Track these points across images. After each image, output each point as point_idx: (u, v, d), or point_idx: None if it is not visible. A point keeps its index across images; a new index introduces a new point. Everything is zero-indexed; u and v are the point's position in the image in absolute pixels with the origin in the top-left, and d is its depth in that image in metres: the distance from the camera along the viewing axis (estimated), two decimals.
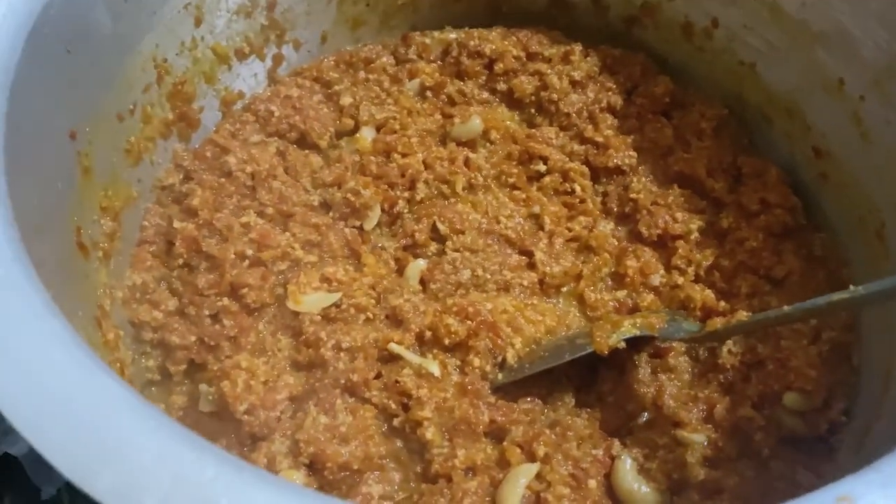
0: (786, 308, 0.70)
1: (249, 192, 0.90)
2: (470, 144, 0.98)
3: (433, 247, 0.89)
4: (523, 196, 0.94)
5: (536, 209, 0.92)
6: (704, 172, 0.94)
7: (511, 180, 0.95)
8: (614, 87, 1.00)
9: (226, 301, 0.82)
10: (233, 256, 0.84)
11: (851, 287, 0.63)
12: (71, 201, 0.72)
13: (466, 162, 0.95)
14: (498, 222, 0.91)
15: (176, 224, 0.87)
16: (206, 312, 0.82)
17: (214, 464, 0.42)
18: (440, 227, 0.89)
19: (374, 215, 0.90)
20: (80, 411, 0.44)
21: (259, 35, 0.99)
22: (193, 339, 0.80)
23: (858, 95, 0.84)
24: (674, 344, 0.82)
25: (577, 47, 1.02)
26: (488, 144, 0.98)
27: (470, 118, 0.97)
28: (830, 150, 0.90)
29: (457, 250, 0.88)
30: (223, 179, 0.91)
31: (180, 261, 0.85)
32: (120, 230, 0.81)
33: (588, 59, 1.02)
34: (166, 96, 0.89)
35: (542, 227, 0.91)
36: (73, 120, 0.73)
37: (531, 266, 0.88)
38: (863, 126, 0.84)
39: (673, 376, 0.81)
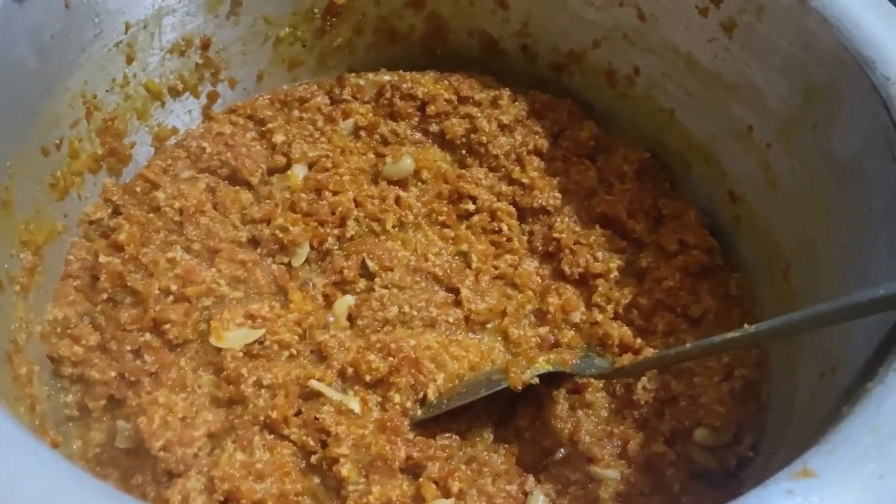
0: (687, 345, 0.73)
1: (177, 227, 0.90)
2: (401, 183, 1.00)
3: (362, 283, 0.90)
4: (452, 234, 0.96)
5: (465, 247, 0.94)
6: (625, 214, 0.97)
7: (441, 219, 0.97)
8: (541, 130, 1.04)
9: (148, 336, 0.82)
10: (157, 292, 0.84)
11: (745, 325, 0.66)
12: None
13: (397, 200, 0.97)
14: (426, 259, 0.92)
15: (101, 258, 0.86)
16: (128, 348, 0.82)
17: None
18: (369, 263, 0.90)
19: (303, 252, 0.91)
20: None
21: (193, 73, 1.00)
22: (114, 374, 0.80)
23: (766, 143, 0.88)
24: (591, 380, 0.84)
25: (506, 92, 1.05)
26: (419, 184, 1.00)
27: (402, 157, 1.00)
28: (743, 195, 0.94)
29: (385, 287, 0.89)
30: (151, 214, 0.91)
31: (104, 295, 0.85)
32: (41, 264, 0.81)
33: (516, 103, 1.05)
34: (96, 132, 0.90)
35: (469, 265, 0.93)
36: None
37: (457, 303, 0.90)
38: (770, 172, 0.88)
39: (590, 412, 0.83)
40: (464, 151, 1.04)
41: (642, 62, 1.01)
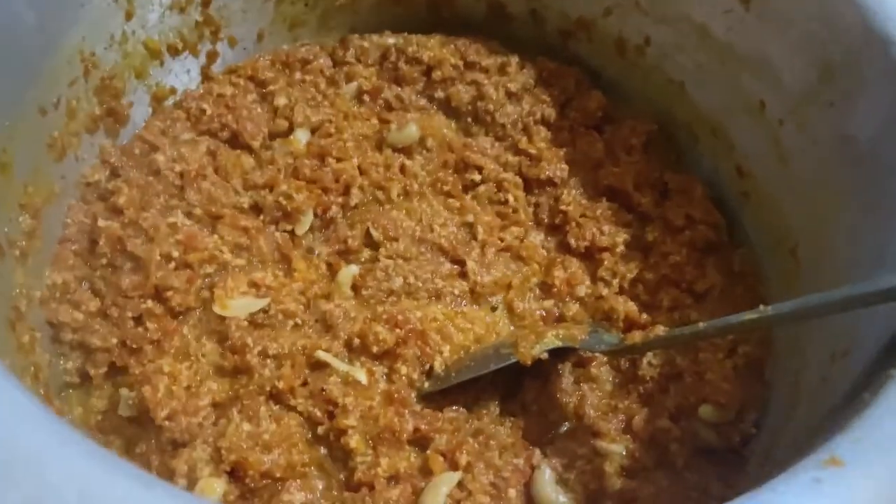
0: (700, 325, 0.73)
1: (177, 191, 0.89)
2: (406, 151, 0.98)
3: (366, 253, 0.89)
4: (457, 205, 0.95)
5: (470, 218, 0.93)
6: (632, 187, 0.96)
7: (446, 188, 0.96)
8: (548, 99, 1.02)
9: (150, 303, 0.81)
10: (158, 258, 0.82)
11: (761, 307, 0.66)
12: None
13: (402, 168, 0.96)
14: (432, 230, 0.91)
15: (100, 222, 0.84)
16: (129, 314, 0.80)
17: (124, 481, 0.42)
18: (374, 233, 0.89)
19: (307, 220, 0.90)
20: None
21: (193, 31, 0.97)
22: (115, 341, 0.79)
23: (778, 120, 0.87)
24: (596, 354, 0.84)
25: (514, 59, 1.03)
26: (424, 152, 0.99)
27: (407, 125, 0.98)
28: (752, 171, 0.93)
29: (390, 257, 0.88)
30: (151, 178, 0.89)
31: (104, 260, 0.83)
32: (39, 228, 0.79)
33: (524, 71, 1.03)
34: (93, 91, 0.87)
35: (475, 237, 0.92)
36: None
37: (463, 275, 0.89)
38: (781, 149, 0.87)
39: (595, 386, 0.83)
40: (469, 119, 1.02)
41: (654, 32, 0.99)
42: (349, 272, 0.87)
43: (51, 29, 0.78)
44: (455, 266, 0.90)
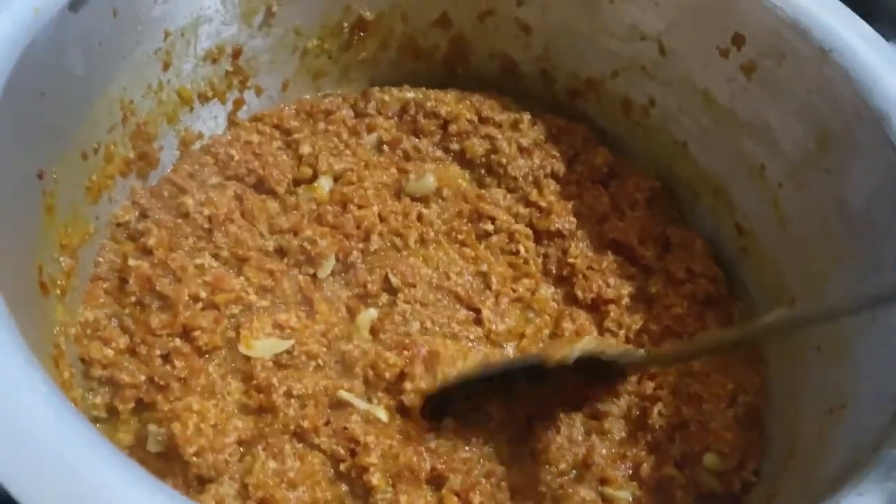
0: (724, 332, 0.79)
1: (206, 234, 0.92)
2: (423, 200, 1.02)
3: (384, 297, 0.93)
4: (472, 254, 0.99)
5: (484, 268, 0.97)
6: (636, 240, 1.01)
7: (460, 237, 1.00)
8: (558, 154, 1.07)
9: (177, 342, 0.84)
10: (186, 298, 0.85)
11: (779, 310, 0.71)
12: (33, 240, 0.73)
13: (419, 217, 1.00)
14: (448, 278, 0.95)
15: (131, 262, 0.88)
16: (158, 352, 0.83)
17: None
18: (392, 279, 0.93)
19: (329, 264, 0.93)
20: (62, 463, 0.46)
21: (223, 80, 1.02)
22: (143, 378, 0.81)
23: (777, 183, 0.93)
24: (612, 409, 0.88)
25: (526, 116, 1.09)
26: (440, 201, 1.03)
27: (424, 175, 1.03)
28: (752, 229, 0.98)
29: (408, 302, 0.92)
30: (179, 220, 0.92)
31: (133, 298, 0.86)
32: (76, 267, 0.82)
33: (535, 127, 1.08)
34: (129, 136, 0.91)
35: (489, 286, 0.96)
36: (41, 160, 0.74)
37: (478, 321, 0.93)
38: (780, 211, 0.92)
39: (605, 438, 0.86)
40: (483, 171, 1.07)
41: (659, 94, 1.05)
42: (368, 316, 0.91)
43: (97, 79, 0.82)
44: (471, 313, 0.94)
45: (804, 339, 0.86)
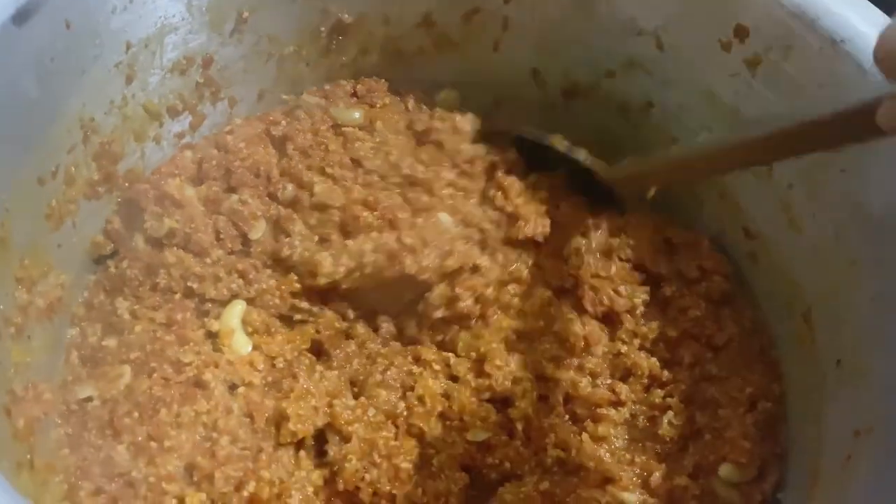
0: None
1: None
2: None
3: None
4: None
5: None
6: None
7: None
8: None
9: None
10: None
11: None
12: None
13: None
14: None
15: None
16: None
17: None
18: None
19: None
20: None
21: (194, 92, 0.96)
22: None
23: (787, 183, 0.87)
24: (612, 414, 0.83)
25: None
26: None
27: None
28: (761, 233, 0.92)
29: None
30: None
31: None
32: (34, 302, 0.76)
33: None
34: (91, 156, 0.85)
35: None
36: None
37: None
38: (791, 214, 0.86)
39: (603, 444, 0.82)
40: None
41: (658, 93, 0.99)
42: None
43: (51, 99, 0.76)
44: None
45: (821, 351, 0.80)
